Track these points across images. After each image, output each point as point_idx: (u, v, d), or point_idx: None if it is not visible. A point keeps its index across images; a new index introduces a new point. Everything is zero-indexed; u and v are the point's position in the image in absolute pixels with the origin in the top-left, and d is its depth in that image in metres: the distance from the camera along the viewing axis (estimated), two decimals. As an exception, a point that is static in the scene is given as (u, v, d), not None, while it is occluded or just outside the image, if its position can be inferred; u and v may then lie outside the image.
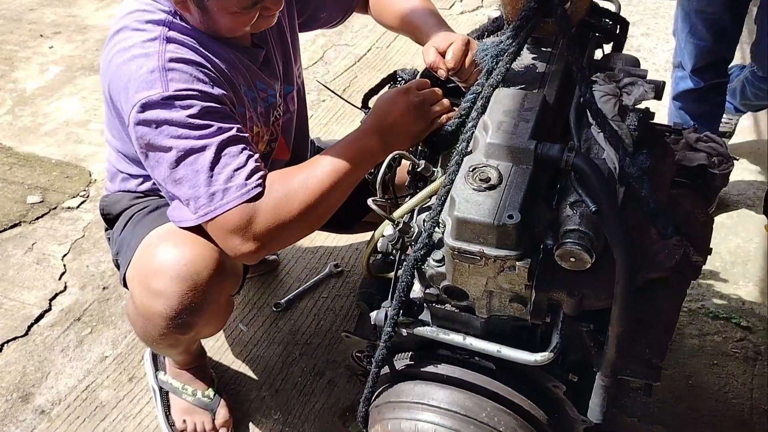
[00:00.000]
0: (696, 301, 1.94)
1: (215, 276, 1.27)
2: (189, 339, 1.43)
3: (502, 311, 1.15)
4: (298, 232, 1.28)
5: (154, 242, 1.31)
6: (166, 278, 1.25)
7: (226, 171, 1.19)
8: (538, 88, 1.21)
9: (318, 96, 2.89)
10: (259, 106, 1.43)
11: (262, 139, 1.47)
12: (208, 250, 1.27)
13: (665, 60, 3.02)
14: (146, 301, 1.28)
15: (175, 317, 1.27)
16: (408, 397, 1.27)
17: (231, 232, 1.20)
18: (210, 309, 1.30)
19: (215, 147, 1.19)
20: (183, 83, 1.21)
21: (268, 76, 1.45)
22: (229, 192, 1.18)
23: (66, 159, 2.60)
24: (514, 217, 1.00)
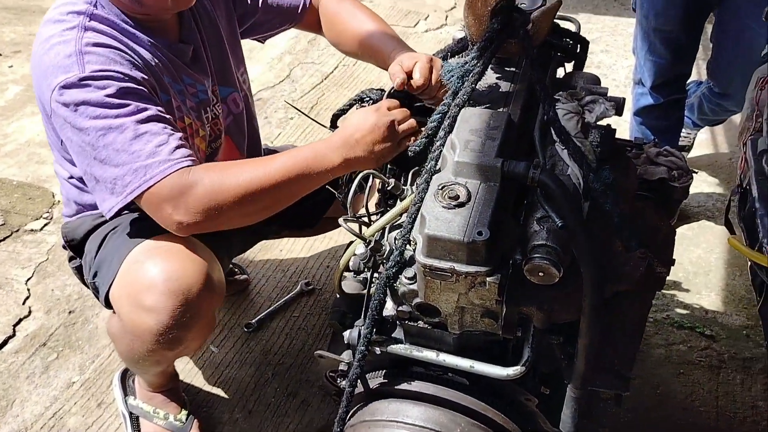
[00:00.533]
0: (661, 312, 1.99)
1: (204, 290, 1.27)
2: (174, 355, 1.41)
3: (474, 326, 1.17)
4: (234, 219, 1.25)
5: (140, 258, 1.30)
6: (157, 293, 1.24)
7: (148, 147, 1.19)
8: (503, 106, 1.23)
9: (286, 114, 2.89)
10: (188, 99, 1.43)
11: (197, 134, 1.46)
12: (196, 264, 1.28)
13: (625, 76, 3.11)
14: (136, 318, 1.27)
15: (166, 332, 1.26)
16: (382, 415, 1.28)
17: (163, 201, 1.19)
18: (199, 323, 1.30)
19: (134, 125, 1.19)
20: (100, 65, 1.22)
21: (197, 72, 1.45)
22: (152, 167, 1.18)
23: (28, 180, 2.55)
24: (483, 233, 1.01)
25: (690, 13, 2.03)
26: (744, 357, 1.86)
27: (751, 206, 1.09)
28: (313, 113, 2.85)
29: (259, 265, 2.17)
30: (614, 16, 3.60)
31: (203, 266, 1.29)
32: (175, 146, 1.21)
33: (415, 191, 1.15)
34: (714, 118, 2.40)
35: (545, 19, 1.22)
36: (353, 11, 1.58)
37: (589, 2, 3.76)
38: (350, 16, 1.57)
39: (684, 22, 2.04)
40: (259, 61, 3.22)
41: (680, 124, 2.36)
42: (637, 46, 2.22)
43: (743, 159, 1.21)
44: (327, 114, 1.54)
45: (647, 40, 2.14)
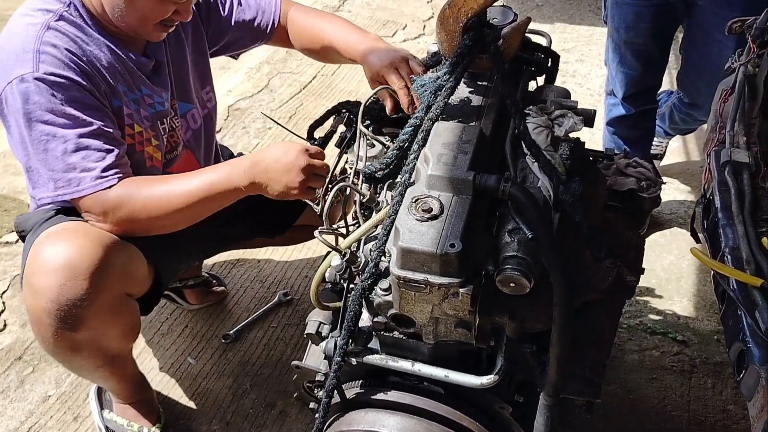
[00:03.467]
0: (634, 318, 2.02)
1: (96, 268, 1.27)
2: (89, 341, 1.36)
3: (448, 336, 1.18)
4: (152, 230, 1.38)
5: (42, 242, 1.32)
6: (45, 273, 1.26)
7: (84, 162, 1.29)
8: (475, 120, 1.26)
9: (264, 124, 2.90)
10: (143, 109, 1.46)
11: (149, 143, 1.49)
12: (89, 242, 1.29)
13: (599, 85, 3.16)
14: (32, 302, 1.29)
15: (59, 310, 1.26)
16: (359, 425, 1.29)
17: (87, 213, 1.33)
18: (96, 303, 1.28)
19: (76, 138, 1.28)
20: (53, 67, 1.28)
21: (157, 84, 1.50)
22: (84, 181, 1.29)
23: (3, 192, 2.53)
24: (455, 246, 1.03)
25: (659, 26, 2.08)
26: (715, 362, 1.90)
27: (714, 216, 1.12)
28: (291, 123, 2.87)
29: (237, 276, 2.17)
30: (589, 25, 3.66)
31: (99, 245, 1.29)
32: (108, 164, 1.31)
33: (389, 203, 1.17)
34: (684, 127, 2.46)
35: (516, 34, 1.25)
36: (319, 19, 1.64)
37: (564, 12, 3.82)
38: (316, 23, 1.63)
39: (654, 35, 2.09)
40: (237, 71, 3.22)
41: (652, 134, 2.41)
42: (609, 58, 2.27)
43: (707, 170, 1.25)
44: (305, 123, 1.56)
45: (618, 52, 2.18)
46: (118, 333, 1.41)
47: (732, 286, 0.98)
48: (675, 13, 2.05)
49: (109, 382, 1.59)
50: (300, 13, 1.67)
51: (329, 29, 1.61)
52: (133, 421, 1.62)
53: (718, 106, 1.36)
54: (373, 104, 1.44)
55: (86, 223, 1.36)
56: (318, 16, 1.66)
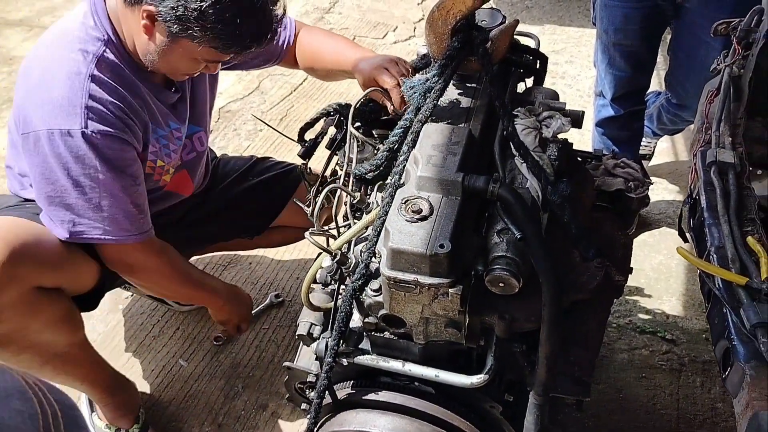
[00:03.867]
0: (624, 317, 2.04)
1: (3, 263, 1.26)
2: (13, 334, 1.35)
3: (439, 336, 1.19)
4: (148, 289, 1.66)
5: None
6: None
7: (112, 211, 1.35)
8: (465, 122, 1.27)
9: (255, 126, 2.90)
10: (171, 143, 1.51)
11: (167, 173, 1.54)
12: None
13: (588, 86, 3.18)
14: None
15: None
16: (350, 425, 1.29)
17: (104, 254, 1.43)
18: (6, 296, 1.27)
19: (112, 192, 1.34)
20: (101, 124, 1.31)
21: (178, 116, 1.52)
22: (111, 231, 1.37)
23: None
24: (445, 246, 1.04)
25: (648, 27, 2.09)
26: (704, 360, 1.92)
27: (700, 216, 1.13)
28: (282, 125, 2.87)
29: (228, 277, 2.17)
30: (578, 27, 3.68)
31: (4, 244, 1.27)
32: (132, 220, 1.39)
33: (380, 205, 1.18)
34: (673, 127, 2.48)
35: (504, 37, 1.26)
36: (322, 37, 1.68)
37: (554, 14, 3.84)
38: (319, 42, 1.66)
39: (642, 36, 2.11)
40: (228, 73, 3.21)
41: (640, 135, 2.43)
42: (598, 60, 2.28)
43: (693, 170, 1.27)
44: (296, 125, 1.57)
45: (607, 54, 2.20)
46: (43, 326, 1.38)
47: (717, 284, 1.00)
48: (663, 15, 2.07)
49: (70, 383, 1.56)
50: (307, 34, 1.70)
51: (329, 47, 1.65)
52: (112, 424, 1.62)
53: (704, 107, 1.38)
54: (364, 106, 1.45)
55: (10, 221, 1.37)
56: (321, 35, 1.70)
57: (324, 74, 1.72)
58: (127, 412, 1.64)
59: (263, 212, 1.85)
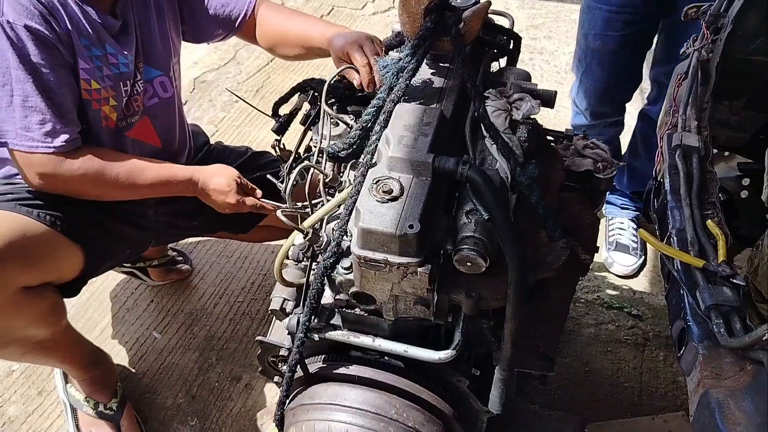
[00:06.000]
0: (592, 293, 2.09)
1: None
2: None
3: (408, 313, 1.22)
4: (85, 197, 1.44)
5: None
6: None
7: (26, 121, 1.30)
8: (437, 102, 1.28)
9: (231, 97, 2.87)
10: (106, 67, 1.44)
11: (106, 102, 1.47)
12: None
13: (566, 62, 3.20)
14: None
15: None
16: (321, 398, 1.32)
17: (20, 165, 1.35)
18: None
19: (24, 93, 1.28)
20: (16, 14, 1.27)
21: (122, 44, 1.47)
22: (21, 137, 1.30)
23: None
24: (414, 227, 1.06)
25: (630, 35, 1.92)
26: (667, 335, 1.98)
27: (664, 198, 1.16)
28: (257, 97, 2.85)
29: (202, 251, 2.18)
30: (558, 2, 3.68)
31: None
32: (51, 128, 1.32)
33: (352, 184, 1.19)
34: None
35: (477, 17, 1.26)
36: (288, 16, 1.64)
37: (533, -12, 3.83)
38: (285, 20, 1.63)
39: (623, 44, 1.94)
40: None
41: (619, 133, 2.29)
42: (575, 66, 2.15)
43: (659, 153, 1.29)
44: (272, 97, 1.57)
45: (584, 61, 2.07)
46: (27, 322, 1.37)
47: (676, 266, 1.03)
48: (650, 23, 1.93)
49: (50, 364, 1.57)
50: (269, 9, 1.65)
51: (296, 25, 1.61)
52: (90, 397, 1.63)
53: (673, 89, 1.40)
54: (338, 83, 1.45)
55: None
56: (287, 14, 1.65)
57: (288, 53, 1.67)
58: (105, 386, 1.65)
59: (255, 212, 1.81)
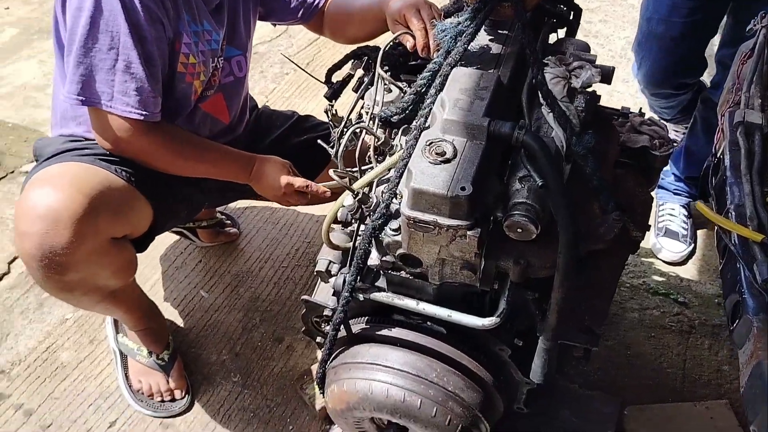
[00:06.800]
0: (638, 278, 2.06)
1: (80, 217, 1.28)
2: (79, 282, 1.39)
3: (453, 278, 1.22)
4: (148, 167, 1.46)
5: (32, 184, 1.34)
6: (30, 219, 1.28)
7: (124, 87, 1.32)
8: (494, 68, 1.27)
9: (281, 69, 2.90)
10: (201, 43, 1.47)
11: (197, 77, 1.50)
12: (76, 191, 1.30)
13: (621, 47, 3.13)
14: (19, 245, 1.32)
15: (43, 257, 1.29)
16: (363, 358, 1.34)
17: (108, 129, 1.37)
18: (80, 250, 1.30)
19: (128, 60, 1.31)
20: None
21: (216, 22, 1.51)
22: (117, 101, 1.33)
23: (23, 123, 2.57)
24: (466, 189, 1.06)
25: (697, 22, 1.86)
26: (713, 324, 1.94)
27: (723, 175, 1.14)
28: (308, 70, 2.86)
29: (250, 216, 2.22)
30: (615, -15, 3.59)
31: (82, 195, 1.30)
32: (146, 96, 1.34)
33: (403, 147, 1.19)
34: None
35: (539, -17, 1.25)
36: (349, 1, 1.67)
37: (591, -30, 3.75)
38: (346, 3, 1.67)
39: (688, 32, 1.87)
40: (257, 13, 3.20)
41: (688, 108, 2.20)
42: (635, 49, 2.09)
43: (720, 130, 1.26)
44: (322, 71, 1.58)
45: (645, 45, 2.00)
46: (108, 273, 1.43)
47: (733, 240, 1.01)
48: (718, 10, 1.85)
49: (116, 314, 1.64)
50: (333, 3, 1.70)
51: (356, 3, 1.64)
52: (143, 347, 1.69)
53: (737, 67, 1.36)
54: (392, 50, 1.45)
55: (80, 167, 1.37)
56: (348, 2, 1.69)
57: (351, 33, 1.69)
58: (159, 338, 1.72)
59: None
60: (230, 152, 1.55)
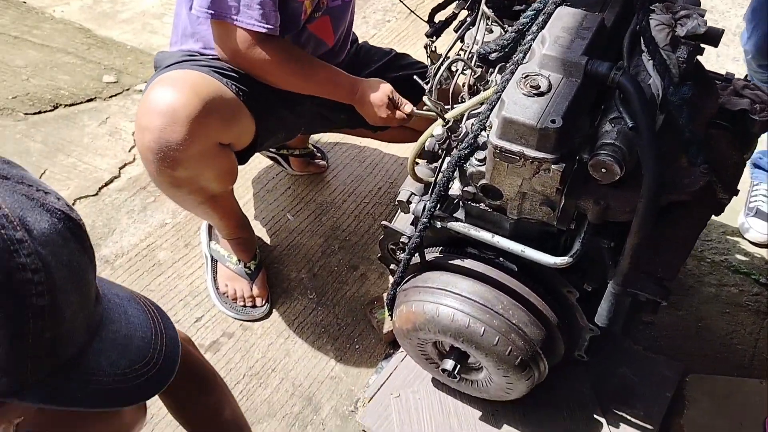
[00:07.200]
0: (720, 254, 2.01)
1: (194, 117, 1.40)
2: (187, 179, 1.50)
3: (532, 214, 1.26)
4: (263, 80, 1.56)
5: (155, 85, 1.46)
6: (151, 114, 1.41)
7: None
8: (599, 11, 1.27)
9: (384, 16, 2.96)
10: None
11: None
12: (194, 93, 1.42)
13: (736, 25, 2.98)
14: (139, 139, 1.45)
15: (159, 150, 1.41)
16: (434, 283, 1.41)
17: (229, 40, 1.47)
18: (191, 148, 1.42)
19: None
20: None
21: None
22: (243, 14, 1.41)
23: (140, 47, 2.75)
24: (556, 122, 1.09)
25: None
26: (794, 310, 1.89)
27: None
28: (411, 18, 2.90)
29: (338, 152, 2.31)
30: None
31: (199, 98, 1.41)
32: (268, 11, 1.43)
33: (499, 81, 1.23)
34: None
35: (656, -71, 1.23)
36: None
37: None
38: None
39: None
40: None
41: None
42: (747, 16, 2.01)
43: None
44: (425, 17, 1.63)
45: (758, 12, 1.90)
46: (213, 176, 1.55)
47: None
48: None
49: (213, 219, 1.78)
50: None
51: None
52: (233, 254, 1.82)
53: None
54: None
55: (198, 75, 1.48)
56: None
57: None
58: (248, 248, 1.85)
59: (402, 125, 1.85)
60: (339, 72, 1.62)
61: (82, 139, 2.26)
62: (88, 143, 2.25)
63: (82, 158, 2.19)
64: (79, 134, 2.28)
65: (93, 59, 2.65)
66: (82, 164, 2.17)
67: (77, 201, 2.03)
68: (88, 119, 2.35)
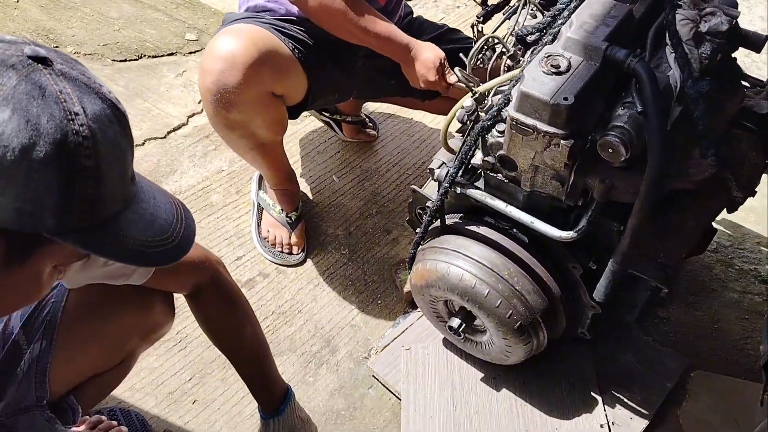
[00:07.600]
0: (750, 264, 2.02)
1: (251, 64, 1.54)
2: (240, 123, 1.64)
3: (543, 188, 1.34)
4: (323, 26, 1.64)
5: (219, 34, 1.61)
6: (212, 59, 1.57)
7: None
8: (630, 3, 1.33)
9: (454, 2, 3.04)
10: None
11: None
12: (252, 43, 1.56)
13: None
14: (201, 81, 1.60)
15: (217, 92, 1.56)
16: (449, 245, 1.51)
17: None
18: (246, 92, 1.56)
19: None
20: None
21: None
22: None
23: (224, 10, 2.94)
24: (568, 99, 1.17)
25: None
26: (819, 328, 1.87)
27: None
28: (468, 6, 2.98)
29: (389, 124, 2.42)
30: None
31: (255, 48, 1.55)
32: None
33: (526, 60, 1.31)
34: None
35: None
36: None
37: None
38: None
39: None
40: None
41: None
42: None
43: None
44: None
45: None
46: (263, 123, 1.69)
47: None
48: None
49: (262, 167, 1.92)
50: None
51: None
52: (277, 204, 1.98)
53: None
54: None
55: (258, 29, 1.62)
56: None
57: None
58: (292, 200, 1.99)
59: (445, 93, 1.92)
60: (396, 28, 1.69)
61: (159, 88, 2.47)
62: (164, 92, 2.46)
63: (156, 104, 2.40)
64: (157, 83, 2.49)
65: (179, 17, 2.86)
66: (155, 109, 2.37)
67: (147, 141, 2.23)
68: (167, 71, 2.56)
